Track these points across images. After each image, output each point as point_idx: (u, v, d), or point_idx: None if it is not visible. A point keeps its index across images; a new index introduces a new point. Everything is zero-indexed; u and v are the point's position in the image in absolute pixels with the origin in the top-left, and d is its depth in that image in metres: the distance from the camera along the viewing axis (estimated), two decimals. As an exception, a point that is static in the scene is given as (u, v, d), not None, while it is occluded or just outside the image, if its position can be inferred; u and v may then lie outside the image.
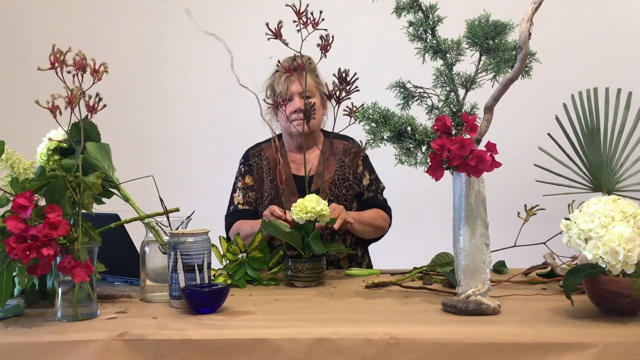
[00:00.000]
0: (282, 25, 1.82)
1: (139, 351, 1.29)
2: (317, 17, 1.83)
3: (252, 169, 2.29)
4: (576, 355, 1.22)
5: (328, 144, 2.27)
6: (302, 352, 1.27)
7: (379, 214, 2.24)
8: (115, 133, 1.83)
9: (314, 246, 1.79)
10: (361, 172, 2.28)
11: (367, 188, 2.27)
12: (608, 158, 2.38)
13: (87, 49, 1.49)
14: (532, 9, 1.40)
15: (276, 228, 1.82)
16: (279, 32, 1.83)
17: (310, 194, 1.83)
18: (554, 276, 1.73)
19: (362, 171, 2.28)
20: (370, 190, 2.28)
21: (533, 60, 1.52)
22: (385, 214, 2.26)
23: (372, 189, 2.28)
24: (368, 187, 2.27)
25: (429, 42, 1.55)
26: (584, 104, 2.44)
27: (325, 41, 1.88)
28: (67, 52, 1.45)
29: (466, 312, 1.40)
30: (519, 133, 2.88)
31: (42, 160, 1.64)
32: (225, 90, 1.88)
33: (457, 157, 1.36)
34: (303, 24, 1.84)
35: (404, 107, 1.57)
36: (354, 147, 2.27)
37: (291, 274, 1.81)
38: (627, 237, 1.28)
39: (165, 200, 1.64)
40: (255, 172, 2.28)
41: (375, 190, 2.29)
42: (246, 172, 2.30)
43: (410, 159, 1.51)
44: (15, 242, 1.31)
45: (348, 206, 2.21)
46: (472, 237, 1.42)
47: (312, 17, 1.84)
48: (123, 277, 1.87)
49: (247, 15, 3.03)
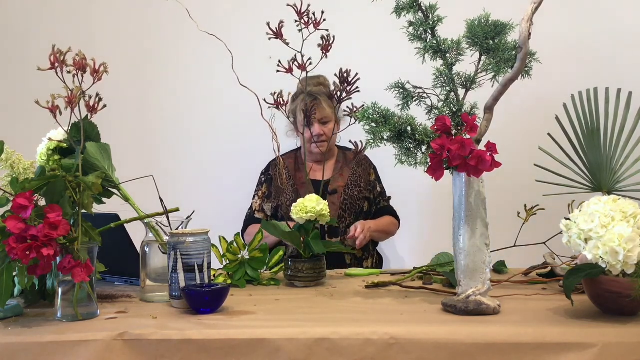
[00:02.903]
0: (282, 25, 1.83)
1: (139, 351, 1.29)
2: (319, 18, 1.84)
3: (271, 179, 2.61)
4: (576, 355, 1.22)
5: (342, 155, 2.66)
6: (302, 352, 1.27)
7: (392, 221, 2.62)
8: (115, 133, 1.83)
9: (314, 246, 1.80)
10: (374, 181, 2.64)
11: (380, 196, 2.63)
12: (608, 158, 2.38)
13: (87, 49, 1.49)
14: (532, 9, 1.40)
15: (276, 228, 1.84)
16: (280, 32, 1.84)
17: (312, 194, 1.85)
18: (554, 276, 1.73)
19: (375, 180, 2.64)
20: (382, 200, 2.64)
21: (533, 60, 1.52)
22: (396, 221, 2.64)
23: (385, 197, 2.66)
24: (381, 196, 2.64)
25: (429, 42, 1.55)
26: (584, 104, 2.44)
27: (327, 41, 1.88)
28: (67, 52, 1.45)
29: (466, 312, 1.40)
30: (519, 133, 2.88)
31: (42, 160, 1.64)
32: (225, 90, 1.88)
33: (457, 157, 1.36)
34: (305, 24, 1.84)
35: (404, 107, 1.57)
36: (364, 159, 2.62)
37: (291, 273, 1.81)
38: (627, 237, 1.28)
39: (165, 200, 1.64)
40: (275, 180, 2.59)
41: (387, 200, 2.66)
42: (265, 181, 2.63)
43: (410, 159, 1.51)
44: (15, 242, 1.31)
45: (360, 204, 2.55)
46: (472, 237, 1.42)
47: (314, 17, 1.84)
48: (123, 277, 1.87)
49: (247, 15, 3.03)
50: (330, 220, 1.86)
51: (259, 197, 2.62)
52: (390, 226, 2.59)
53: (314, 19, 1.85)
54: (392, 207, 2.66)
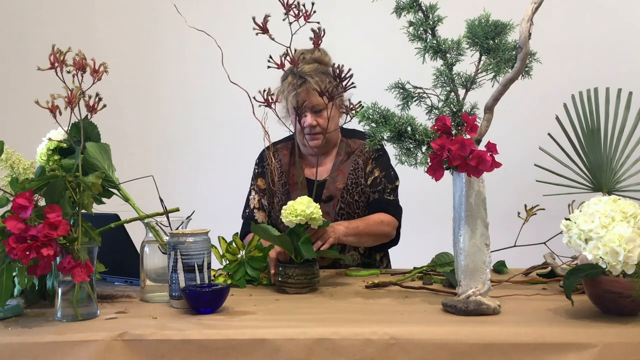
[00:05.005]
0: (268, 20, 1.76)
1: (139, 351, 1.29)
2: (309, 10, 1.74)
3: (266, 171, 2.20)
4: (576, 355, 1.22)
5: (344, 144, 2.19)
6: (302, 352, 1.27)
7: (381, 219, 2.08)
8: (115, 133, 1.83)
9: (304, 251, 1.69)
10: (369, 171, 2.15)
11: (373, 188, 2.14)
12: (608, 158, 2.38)
13: (87, 49, 1.49)
14: (532, 9, 1.40)
15: (265, 232, 1.74)
16: (265, 26, 1.75)
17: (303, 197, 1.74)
18: (554, 276, 1.73)
19: (371, 170, 2.15)
20: (376, 191, 2.14)
21: (533, 60, 1.52)
22: (389, 218, 2.10)
23: (378, 189, 2.13)
24: (373, 187, 2.14)
25: (429, 42, 1.55)
26: (584, 104, 2.44)
27: (317, 35, 1.78)
28: (67, 52, 1.45)
29: (466, 312, 1.39)
30: (519, 133, 2.88)
31: (42, 160, 1.64)
32: (226, 89, 1.87)
33: (457, 157, 1.36)
34: (294, 16, 1.73)
35: (404, 107, 1.57)
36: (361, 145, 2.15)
37: (281, 279, 1.71)
38: (627, 238, 1.28)
39: (165, 200, 1.64)
40: (268, 175, 2.20)
41: (382, 190, 2.13)
42: (259, 174, 2.23)
43: (410, 159, 1.50)
44: (15, 242, 1.31)
45: (360, 213, 2.13)
46: (472, 237, 1.42)
47: (304, 9, 1.75)
48: (123, 277, 1.87)
49: (239, 10, 3.02)
50: (323, 224, 1.76)
51: (256, 192, 2.21)
52: (376, 227, 2.06)
53: (304, 11, 1.74)
54: (386, 200, 2.14)
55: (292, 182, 2.16)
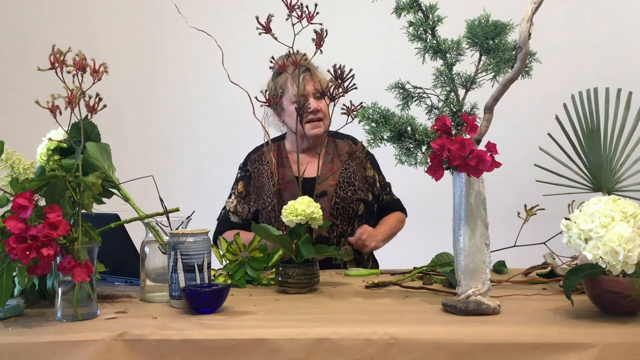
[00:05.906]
0: (271, 20, 1.77)
1: (139, 351, 1.29)
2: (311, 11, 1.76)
3: (250, 176, 2.24)
4: (576, 355, 1.22)
5: (332, 144, 2.25)
6: (302, 352, 1.27)
7: (398, 218, 2.32)
8: (115, 133, 1.83)
9: (304, 250, 1.68)
10: (372, 176, 2.29)
11: (382, 191, 2.31)
12: (608, 158, 2.38)
13: (87, 49, 1.49)
14: (532, 9, 1.40)
15: (265, 231, 1.74)
16: (268, 26, 1.77)
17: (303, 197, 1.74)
18: (554, 276, 1.73)
19: (373, 175, 2.30)
20: (387, 193, 2.33)
21: (533, 60, 1.52)
22: (403, 216, 2.35)
23: (387, 190, 2.33)
24: (382, 190, 2.31)
25: (429, 42, 1.55)
26: (584, 104, 2.44)
27: (320, 36, 1.79)
28: (67, 52, 1.45)
29: (466, 312, 1.40)
30: (519, 133, 2.88)
31: (42, 160, 1.64)
32: (226, 89, 1.87)
33: (457, 157, 1.36)
34: (297, 17, 1.76)
35: (404, 107, 1.57)
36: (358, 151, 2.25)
37: (281, 279, 1.71)
38: (627, 237, 1.28)
39: (165, 200, 1.64)
40: (255, 179, 2.24)
41: (390, 191, 2.34)
42: (241, 177, 2.27)
43: (410, 159, 1.51)
44: (15, 242, 1.31)
45: (354, 208, 2.21)
46: (472, 237, 1.42)
47: (307, 10, 1.76)
48: (123, 277, 1.87)
49: (239, 10, 3.02)
50: (323, 224, 1.76)
51: (235, 197, 2.26)
52: (397, 226, 2.31)
53: (307, 12, 1.76)
54: (396, 200, 2.38)
55: (283, 181, 2.20)
